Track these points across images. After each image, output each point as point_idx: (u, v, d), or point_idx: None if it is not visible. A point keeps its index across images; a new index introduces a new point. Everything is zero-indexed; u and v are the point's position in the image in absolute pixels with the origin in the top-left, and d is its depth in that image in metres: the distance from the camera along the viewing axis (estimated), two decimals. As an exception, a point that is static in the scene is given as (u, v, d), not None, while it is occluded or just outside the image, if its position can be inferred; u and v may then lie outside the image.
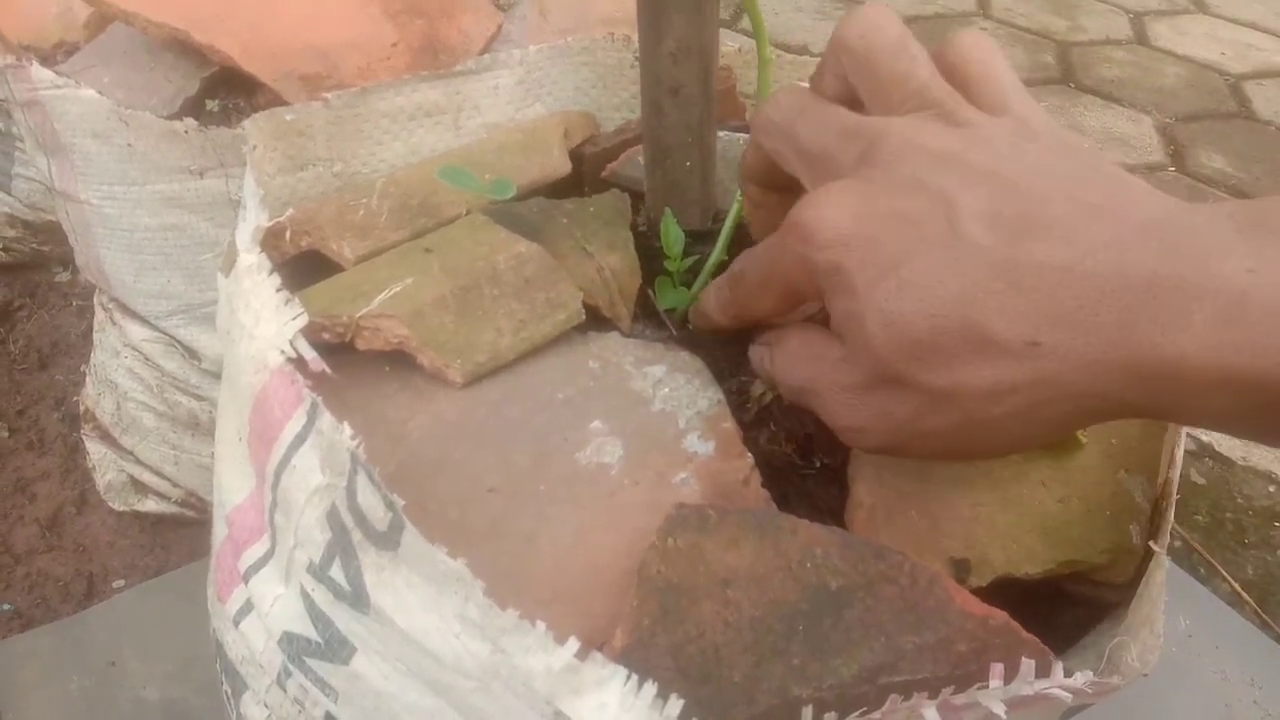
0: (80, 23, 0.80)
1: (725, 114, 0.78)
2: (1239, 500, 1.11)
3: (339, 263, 0.55)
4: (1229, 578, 1.01)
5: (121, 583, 0.97)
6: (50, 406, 1.16)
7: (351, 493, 0.40)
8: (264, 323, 0.48)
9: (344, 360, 0.50)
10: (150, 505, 1.00)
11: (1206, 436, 1.19)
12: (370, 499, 0.39)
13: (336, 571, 0.42)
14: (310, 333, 0.48)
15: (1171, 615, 0.89)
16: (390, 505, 0.38)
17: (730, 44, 0.74)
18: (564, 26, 0.82)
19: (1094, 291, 0.30)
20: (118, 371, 0.90)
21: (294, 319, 0.47)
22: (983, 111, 0.37)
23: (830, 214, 0.35)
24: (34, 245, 1.29)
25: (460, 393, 0.49)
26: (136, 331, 0.85)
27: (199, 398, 0.88)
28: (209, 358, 0.85)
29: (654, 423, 0.47)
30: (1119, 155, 1.83)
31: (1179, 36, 2.40)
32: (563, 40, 0.73)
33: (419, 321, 0.49)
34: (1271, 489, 1.13)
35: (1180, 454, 0.47)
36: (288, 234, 0.55)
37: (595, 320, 0.55)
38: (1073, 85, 2.10)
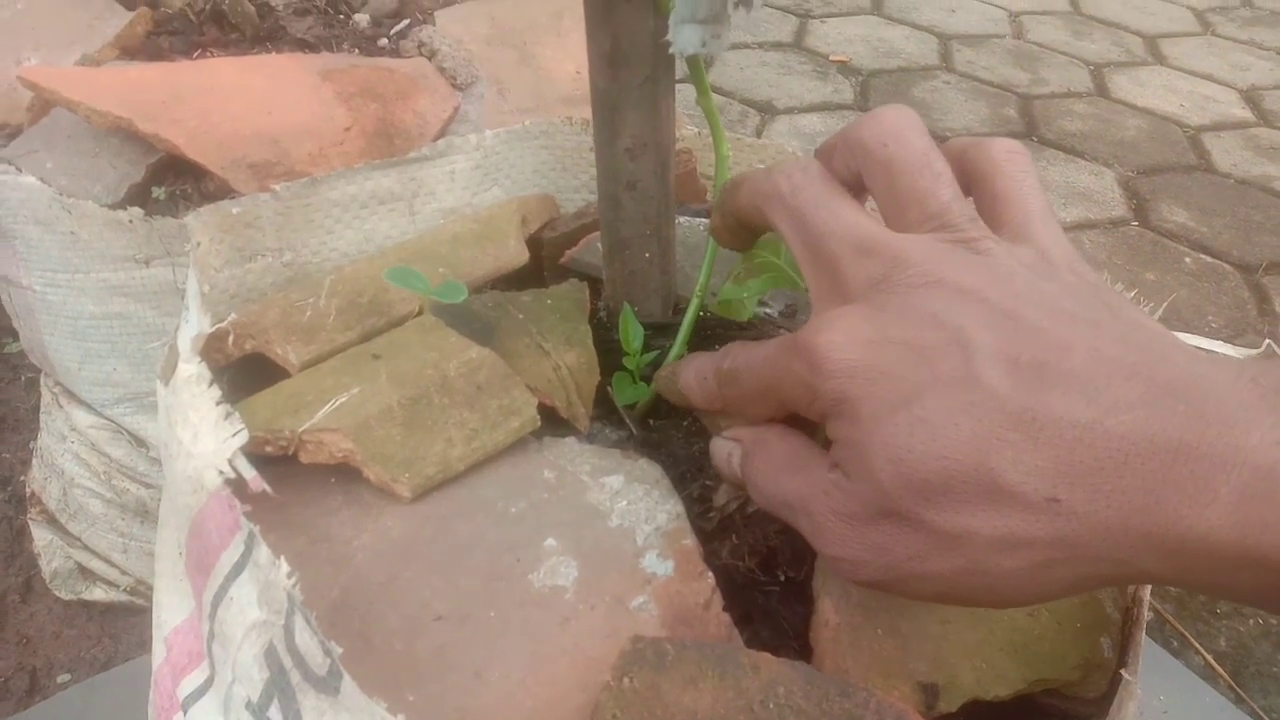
0: (24, 105, 0.78)
1: (685, 197, 0.77)
2: (1211, 568, 1.09)
3: (284, 367, 0.53)
4: (1202, 651, 0.99)
5: (67, 677, 0.93)
6: (-4, 486, 1.12)
7: (290, 632, 0.38)
8: (202, 439, 0.46)
9: (288, 472, 0.48)
10: (98, 594, 0.96)
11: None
12: (309, 642, 0.37)
13: (275, 713, 0.40)
14: (252, 447, 0.46)
15: (1147, 692, 0.88)
16: (329, 652, 0.36)
17: (690, 128, 0.74)
18: (523, 106, 0.82)
19: (1117, 454, 0.29)
20: (64, 457, 0.87)
21: (234, 435, 0.45)
22: (1003, 238, 0.36)
23: (840, 341, 0.34)
24: (-19, 316, 1.26)
25: (408, 508, 0.47)
26: (83, 418, 0.83)
27: (147, 485, 0.86)
28: (156, 445, 0.83)
29: (611, 540, 0.45)
30: (1083, 211, 1.85)
31: (1138, 88, 2.44)
32: (520, 124, 0.72)
33: (365, 435, 0.47)
34: (1242, 555, 1.12)
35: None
36: (231, 338, 0.53)
37: (551, 420, 0.53)
38: (1035, 139, 2.13)
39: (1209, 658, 0.99)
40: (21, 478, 1.09)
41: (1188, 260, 1.71)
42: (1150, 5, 3.01)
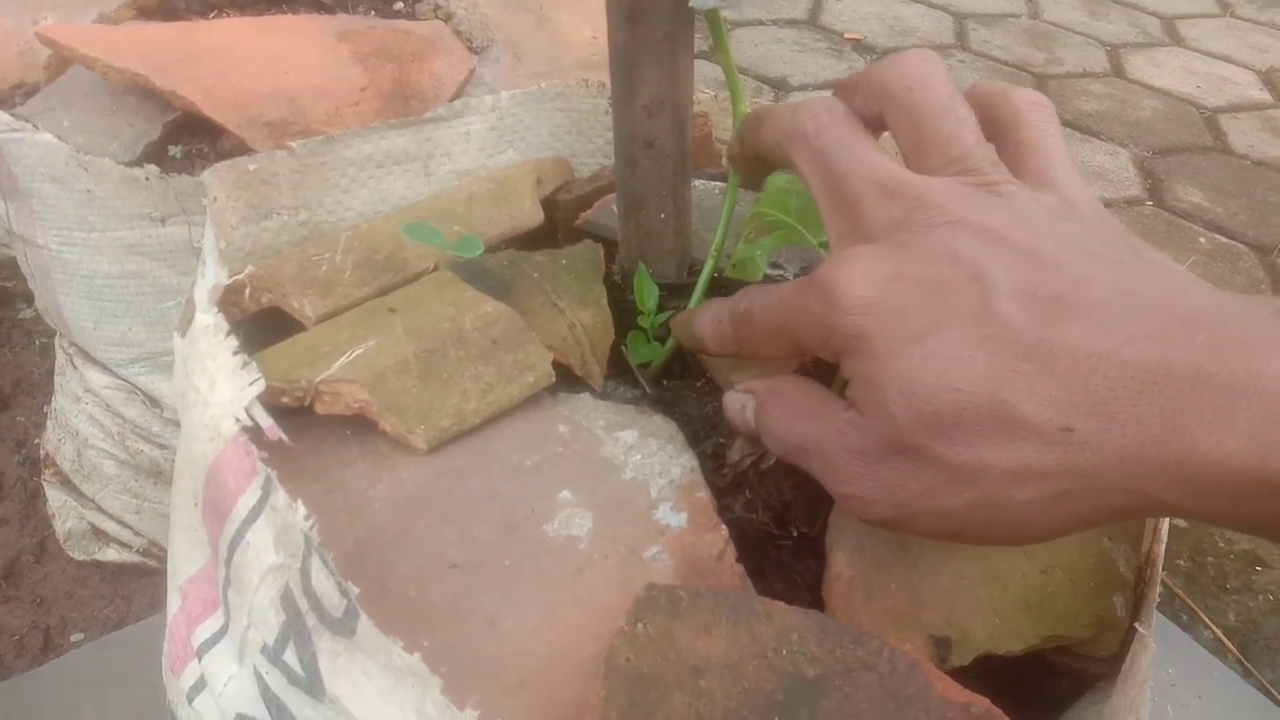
0: (41, 64, 0.79)
1: (701, 162, 0.77)
2: (1220, 544, 1.10)
3: (300, 321, 0.53)
4: (1211, 625, 0.99)
5: (80, 635, 0.94)
6: (10, 449, 1.13)
7: (306, 575, 0.38)
8: (219, 388, 0.46)
9: (303, 424, 0.48)
10: (111, 554, 0.97)
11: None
12: (325, 583, 0.37)
13: (291, 656, 0.40)
14: (268, 397, 0.46)
15: (1155, 664, 0.88)
16: (345, 592, 0.36)
17: (706, 91, 0.73)
18: (538, 70, 0.81)
19: (1132, 382, 0.29)
20: (78, 418, 0.88)
21: (251, 384, 0.45)
22: (1026, 183, 0.36)
23: (857, 278, 0.34)
24: (-3, 283, 1.27)
25: (424, 459, 0.47)
26: (97, 378, 0.83)
27: (161, 446, 0.86)
28: (171, 406, 0.83)
29: (625, 492, 0.45)
30: (1098, 190, 1.84)
31: (1155, 69, 2.42)
32: (536, 86, 0.72)
33: (381, 386, 0.47)
34: (1253, 532, 1.12)
35: (1165, 527, 0.46)
36: (247, 291, 0.54)
37: (566, 379, 0.53)
38: (1050, 119, 2.11)
39: (1218, 632, 0.99)
40: (36, 440, 1.10)
41: (1202, 240, 1.70)
42: (1169, -14, 2.98)
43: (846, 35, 2.44)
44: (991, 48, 2.45)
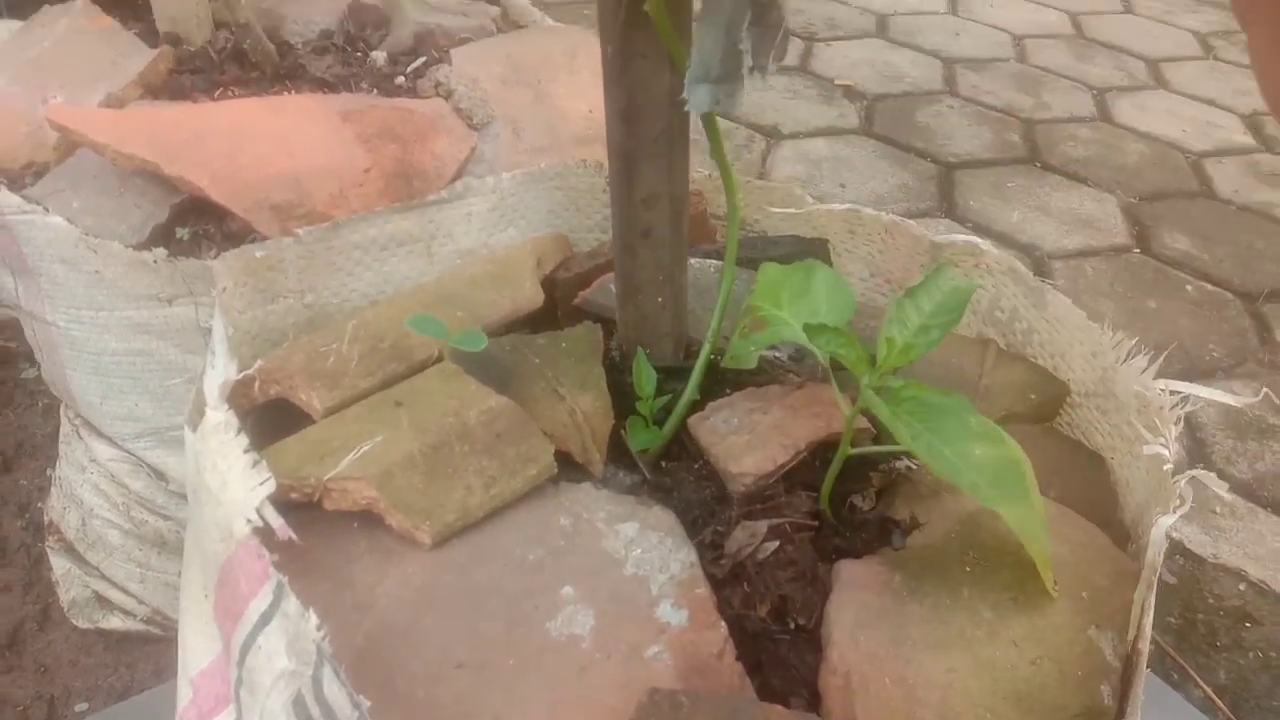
0: (50, 144, 0.80)
1: (696, 239, 0.79)
2: (1210, 600, 1.11)
3: (309, 412, 0.55)
4: (1202, 684, 1.00)
5: (84, 706, 0.94)
6: (13, 513, 1.13)
7: (318, 683, 0.40)
8: (230, 487, 0.47)
9: (312, 518, 0.50)
10: (115, 622, 0.98)
11: (1177, 533, 1.20)
12: (337, 694, 0.38)
13: (303, 758, 0.41)
14: (278, 494, 0.47)
15: (1148, 725, 0.89)
16: (357, 704, 0.37)
17: (701, 170, 0.75)
18: (538, 145, 0.83)
19: None
20: (84, 487, 0.89)
21: (261, 484, 0.46)
22: None
23: None
24: None
25: (429, 554, 0.48)
26: (103, 450, 0.84)
27: (166, 517, 0.87)
28: (176, 479, 0.84)
29: (626, 588, 0.47)
30: (1085, 238, 1.86)
31: (1140, 113, 2.45)
32: (536, 166, 0.73)
33: (388, 482, 0.48)
34: (1242, 587, 1.14)
35: (1149, 616, 0.47)
36: (256, 384, 0.55)
37: (567, 464, 0.55)
38: (1039, 165, 2.14)
39: (1209, 691, 1.00)
40: (39, 504, 1.10)
41: (1189, 288, 1.73)
42: (1153, 29, 3.03)
43: (838, 82, 2.47)
44: (980, 93, 2.48)
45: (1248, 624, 1.09)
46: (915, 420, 0.46)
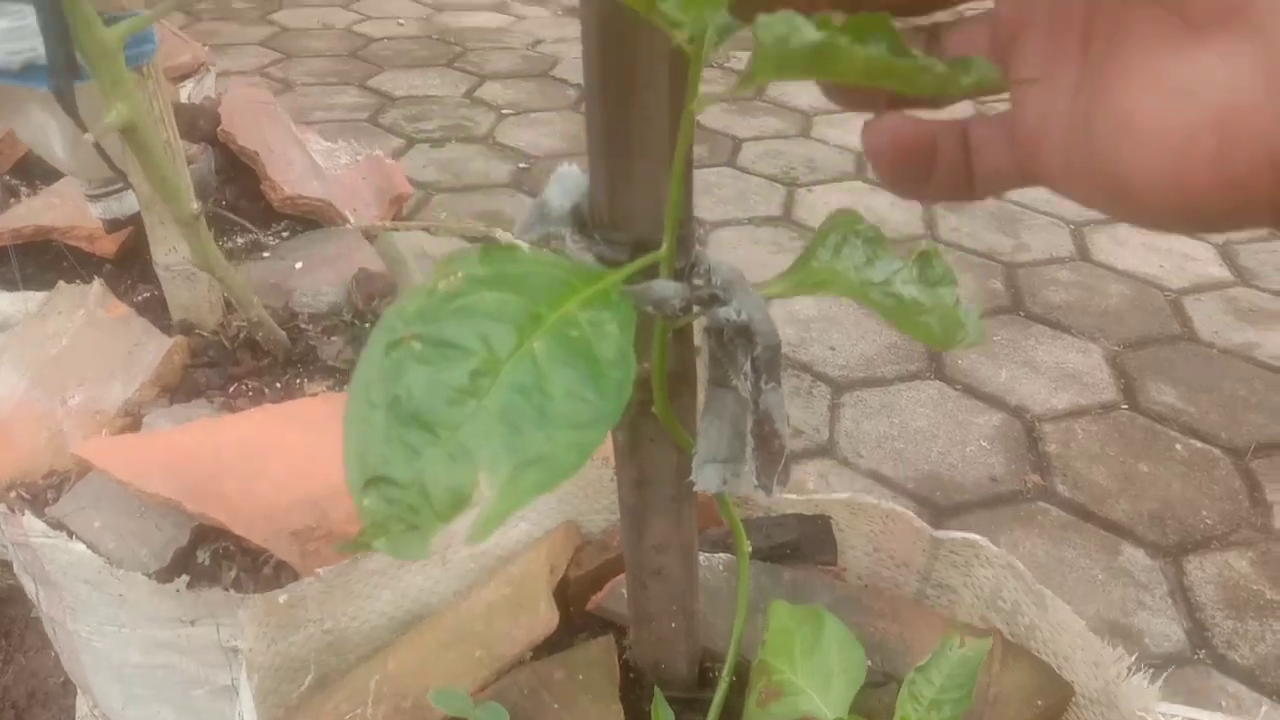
0: (70, 449, 0.83)
1: (704, 523, 0.81)
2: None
3: (338, 791, 0.56)
4: None
5: None
6: (27, 769, 1.13)
7: None
8: None
9: None
10: None
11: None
12: None
13: None
14: None
15: None
16: None
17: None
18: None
19: None
20: (102, 774, 0.89)
21: None
22: None
23: None
24: (9, 580, 1.28)
25: None
26: (123, 745, 0.85)
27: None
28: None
29: None
30: (1074, 396, 1.90)
31: (1118, 248, 2.52)
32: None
33: None
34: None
35: None
36: (287, 766, 0.56)
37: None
38: (1023, 314, 2.19)
39: None
40: (52, 761, 1.10)
41: (1179, 447, 1.75)
42: (1123, 157, 3.12)
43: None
44: (961, 235, 2.55)
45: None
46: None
